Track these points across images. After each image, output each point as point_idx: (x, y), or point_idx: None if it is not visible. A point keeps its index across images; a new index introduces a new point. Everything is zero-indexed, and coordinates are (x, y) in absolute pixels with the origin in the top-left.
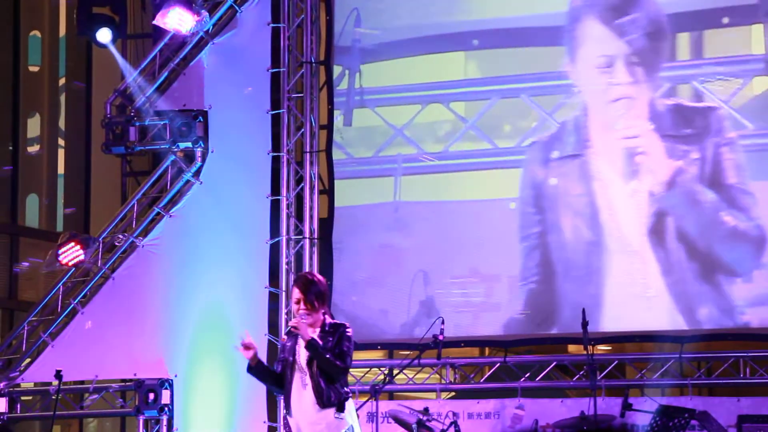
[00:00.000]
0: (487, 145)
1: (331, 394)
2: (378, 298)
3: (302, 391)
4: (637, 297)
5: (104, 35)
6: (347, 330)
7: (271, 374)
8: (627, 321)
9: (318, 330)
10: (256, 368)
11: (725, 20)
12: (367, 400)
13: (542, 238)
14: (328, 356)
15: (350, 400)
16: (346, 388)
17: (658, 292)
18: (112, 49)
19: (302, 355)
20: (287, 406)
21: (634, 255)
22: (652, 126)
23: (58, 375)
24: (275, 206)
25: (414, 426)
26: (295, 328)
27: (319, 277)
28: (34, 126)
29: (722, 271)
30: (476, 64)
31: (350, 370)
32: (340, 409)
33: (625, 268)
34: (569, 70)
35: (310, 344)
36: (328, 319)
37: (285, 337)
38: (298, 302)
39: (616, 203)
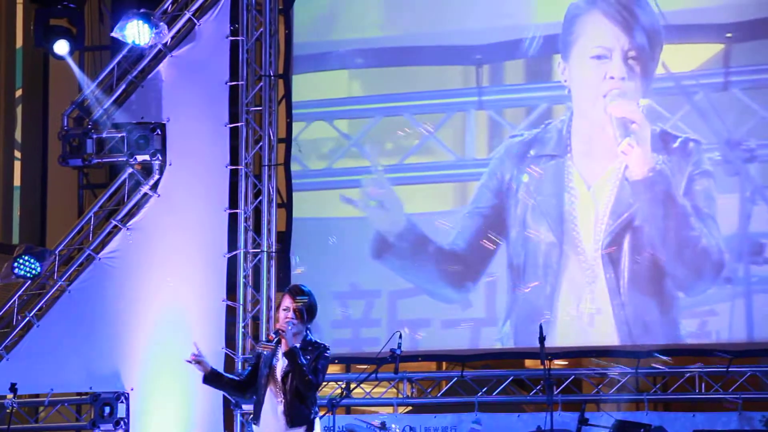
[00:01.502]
0: (368, 162)
1: (303, 412)
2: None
3: (275, 406)
4: (584, 311)
5: (61, 47)
6: (327, 350)
7: (229, 381)
8: (575, 337)
9: (299, 345)
10: (211, 378)
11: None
12: (324, 414)
13: (497, 224)
14: (304, 369)
15: (318, 419)
16: (315, 407)
17: (605, 310)
18: (70, 61)
19: (279, 368)
20: (256, 416)
21: (592, 264)
22: (634, 135)
23: (13, 388)
24: (233, 219)
25: None
26: (282, 331)
27: (312, 293)
28: None
29: (678, 287)
30: (360, 83)
31: None
32: (310, 428)
33: (579, 276)
34: (561, 68)
35: (291, 351)
36: (310, 336)
37: (264, 345)
38: (286, 309)
39: (581, 213)
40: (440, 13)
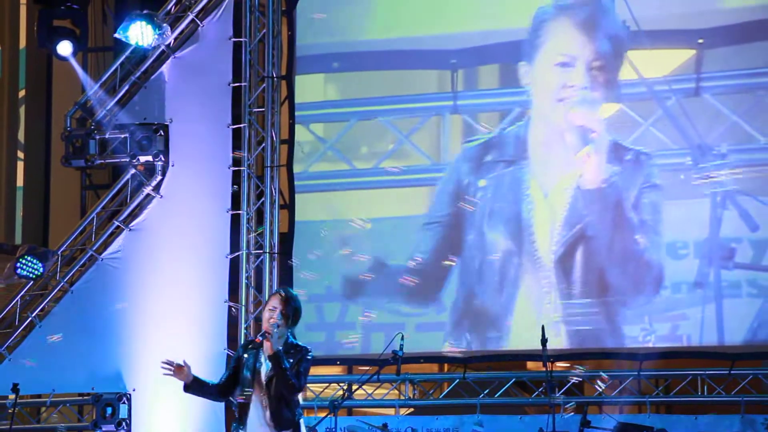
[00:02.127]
0: (345, 166)
1: (288, 415)
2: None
3: (260, 411)
4: (542, 318)
5: (65, 48)
6: (309, 353)
7: (210, 387)
8: (532, 344)
9: (282, 347)
10: (192, 386)
11: None
12: (326, 416)
13: (457, 234)
14: (287, 372)
15: (302, 419)
16: (299, 409)
17: (559, 318)
18: (73, 62)
19: (263, 372)
20: (241, 422)
21: (545, 275)
22: (593, 145)
23: (15, 389)
24: (235, 220)
25: None
26: (269, 333)
27: (298, 297)
28: None
29: (620, 299)
30: (335, 87)
31: (309, 385)
32: (297, 430)
33: (536, 285)
34: (524, 71)
35: (276, 355)
36: (292, 339)
37: (243, 349)
38: (273, 310)
39: (538, 221)
40: (416, 18)
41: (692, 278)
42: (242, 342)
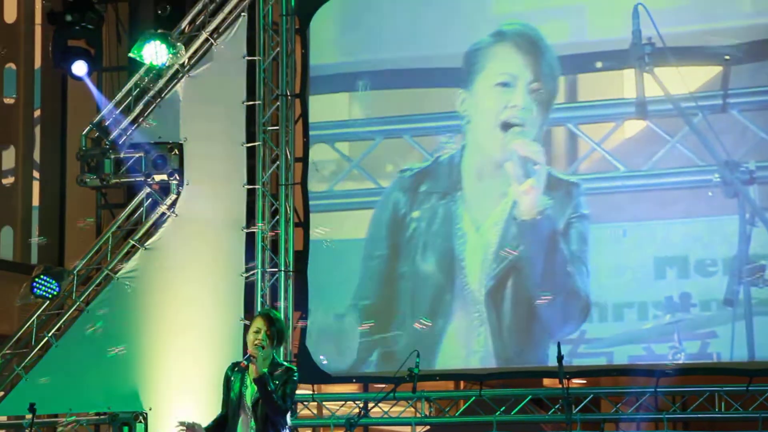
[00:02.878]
0: (371, 184)
1: None
2: None
3: None
4: (473, 353)
5: (80, 68)
6: (294, 374)
7: (220, 422)
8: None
9: (267, 369)
10: None
11: (599, 65)
12: None
13: (391, 267)
14: (272, 395)
15: None
16: (286, 429)
17: (491, 351)
18: (88, 81)
19: (248, 396)
20: None
21: (475, 310)
22: (536, 176)
23: (32, 408)
24: (250, 239)
25: None
26: (253, 357)
27: (282, 318)
28: (8, 158)
29: (547, 330)
30: (360, 105)
31: (325, 403)
32: None
33: (465, 322)
34: (462, 96)
35: (260, 379)
36: (278, 360)
37: (230, 371)
38: (257, 332)
39: (469, 255)
40: (436, 36)
41: (721, 296)
42: (229, 365)
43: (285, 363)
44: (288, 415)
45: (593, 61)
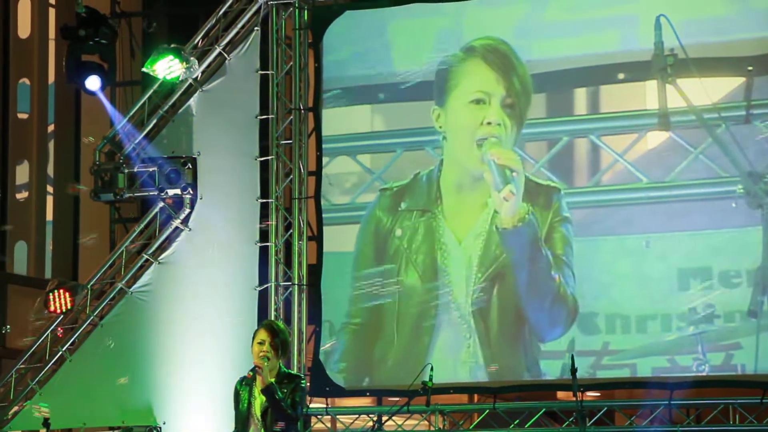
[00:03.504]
0: None
1: None
2: None
3: None
4: (461, 364)
5: (93, 83)
6: (302, 381)
7: None
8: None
9: (274, 379)
10: None
11: (621, 76)
12: None
13: (378, 287)
14: (282, 404)
15: None
16: None
17: (480, 362)
18: (101, 96)
19: (257, 405)
20: None
21: (463, 321)
22: (513, 183)
23: (46, 423)
24: (264, 252)
25: None
26: (258, 368)
27: (285, 326)
28: (22, 173)
29: (536, 334)
30: (382, 117)
31: (339, 417)
32: None
33: (453, 334)
34: (437, 114)
35: (268, 389)
36: (284, 369)
37: (238, 384)
38: (261, 343)
39: (453, 267)
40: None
41: (745, 307)
42: (237, 380)
43: (292, 372)
44: (301, 425)
45: (615, 73)
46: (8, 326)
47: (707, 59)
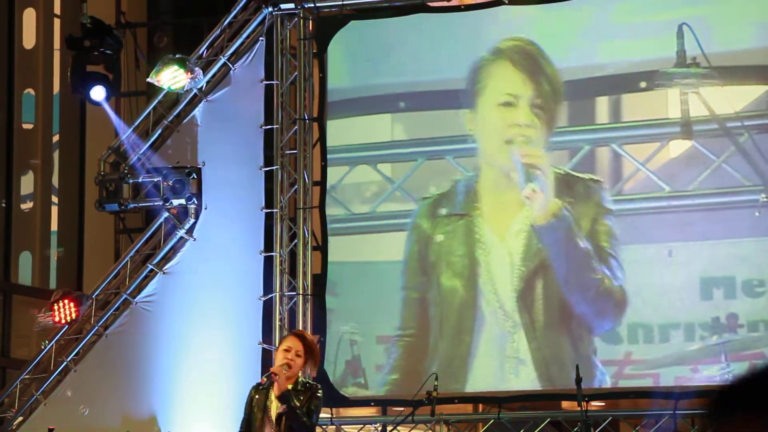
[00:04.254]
0: (413, 205)
1: None
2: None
3: None
4: (506, 359)
5: (98, 93)
6: (318, 390)
7: None
8: (492, 383)
9: (291, 385)
10: None
11: (642, 84)
12: None
13: (423, 295)
14: (297, 411)
15: None
16: None
17: (525, 356)
18: (106, 106)
19: (273, 410)
20: None
21: (507, 317)
22: (537, 181)
23: None
24: (268, 262)
25: None
26: (275, 374)
27: (316, 340)
28: (27, 183)
29: (586, 327)
30: (402, 126)
31: (344, 427)
32: None
33: (497, 330)
34: (468, 119)
35: (284, 395)
36: (302, 378)
37: (254, 390)
38: (287, 350)
39: (494, 264)
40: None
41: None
42: (253, 386)
43: (309, 381)
44: None
45: (637, 81)
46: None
47: (730, 67)
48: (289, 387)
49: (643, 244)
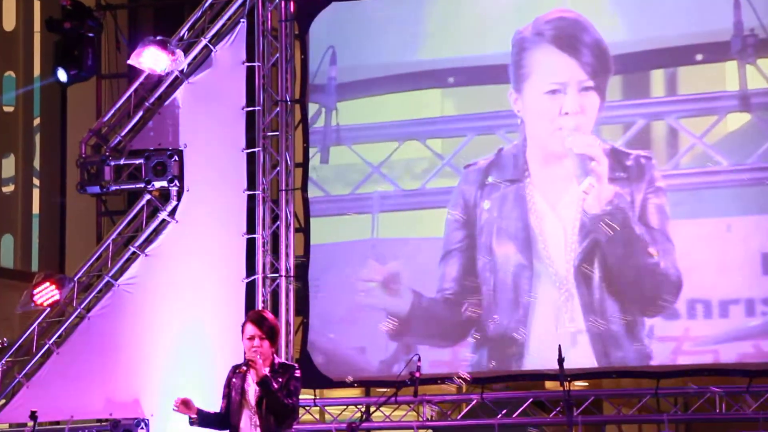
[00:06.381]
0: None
1: None
2: (355, 335)
3: (251, 430)
4: (562, 331)
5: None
6: (296, 371)
7: (215, 418)
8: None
9: (268, 368)
10: (198, 420)
11: (699, 57)
12: None
13: (472, 259)
14: (277, 394)
15: None
16: (292, 429)
17: (580, 328)
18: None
19: (251, 393)
20: None
21: (562, 286)
22: (594, 174)
23: (33, 416)
24: (251, 244)
25: None
26: (252, 362)
27: (272, 315)
28: (8, 166)
29: (642, 308)
30: (452, 102)
31: (327, 408)
32: None
33: (553, 295)
34: (514, 99)
35: (264, 381)
36: (277, 359)
37: (232, 372)
38: (251, 338)
39: (549, 232)
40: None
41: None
42: (231, 368)
43: (285, 362)
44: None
45: (693, 54)
46: None
47: None
48: (266, 371)
49: (701, 218)
